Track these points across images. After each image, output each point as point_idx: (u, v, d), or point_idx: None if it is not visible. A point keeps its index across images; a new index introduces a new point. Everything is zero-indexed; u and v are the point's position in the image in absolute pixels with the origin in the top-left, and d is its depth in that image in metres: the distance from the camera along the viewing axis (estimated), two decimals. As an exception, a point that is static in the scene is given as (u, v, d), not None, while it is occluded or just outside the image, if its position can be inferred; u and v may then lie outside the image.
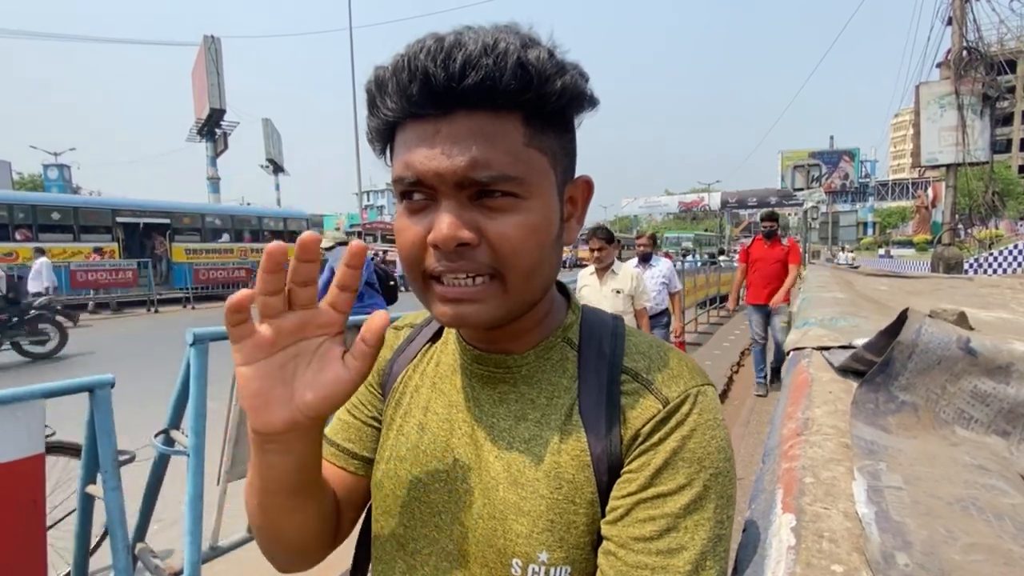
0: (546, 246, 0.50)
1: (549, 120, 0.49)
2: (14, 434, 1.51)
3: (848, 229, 16.67)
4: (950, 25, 9.98)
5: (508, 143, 0.46)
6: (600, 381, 0.53)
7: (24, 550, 1.57)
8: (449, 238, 0.45)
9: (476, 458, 0.54)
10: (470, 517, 0.53)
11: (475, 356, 0.57)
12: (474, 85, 0.44)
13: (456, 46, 0.44)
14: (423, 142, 0.46)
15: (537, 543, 0.49)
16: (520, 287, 0.49)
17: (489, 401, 0.56)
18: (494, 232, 0.46)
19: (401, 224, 0.50)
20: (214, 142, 23.48)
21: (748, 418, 4.76)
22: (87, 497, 1.91)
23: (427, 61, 0.44)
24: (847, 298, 2.07)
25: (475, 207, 0.47)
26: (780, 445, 0.68)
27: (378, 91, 0.48)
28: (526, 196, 0.47)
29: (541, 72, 0.46)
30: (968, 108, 9.69)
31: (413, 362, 0.65)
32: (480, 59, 0.43)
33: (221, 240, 17.42)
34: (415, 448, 0.58)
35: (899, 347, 0.65)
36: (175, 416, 2.07)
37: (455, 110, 0.45)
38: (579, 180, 0.55)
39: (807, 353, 1.20)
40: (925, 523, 0.43)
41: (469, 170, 0.45)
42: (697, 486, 0.46)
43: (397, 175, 0.48)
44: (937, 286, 2.92)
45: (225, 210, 19.63)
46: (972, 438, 0.62)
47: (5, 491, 1.50)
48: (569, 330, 0.58)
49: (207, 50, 21.80)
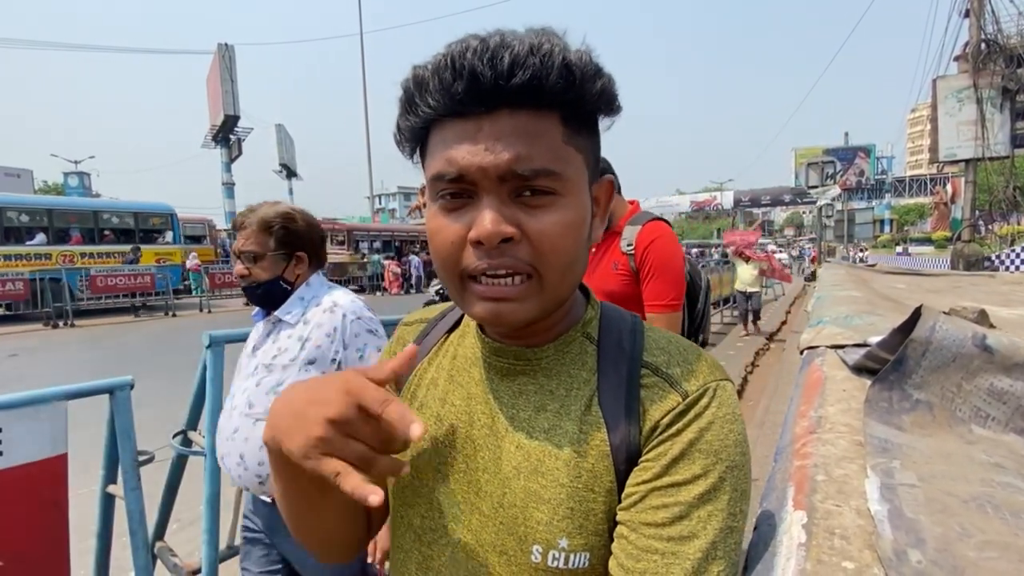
0: (580, 243, 0.51)
1: (584, 120, 0.51)
2: (37, 435, 1.55)
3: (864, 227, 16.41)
4: (967, 17, 9.79)
5: (548, 140, 0.47)
6: (620, 375, 0.54)
7: (47, 550, 1.61)
8: (493, 234, 0.46)
9: (496, 448, 0.55)
10: (490, 506, 0.54)
11: (494, 349, 0.58)
12: (521, 84, 0.45)
13: (502, 46, 0.45)
14: (466, 139, 0.47)
15: (557, 530, 0.50)
16: (556, 284, 0.50)
17: (508, 393, 0.57)
18: (534, 228, 0.48)
19: (438, 223, 0.50)
20: (228, 148, 23.84)
21: (763, 419, 4.71)
22: (108, 497, 1.95)
23: (474, 60, 0.44)
24: (863, 296, 2.04)
25: (515, 204, 0.48)
26: (792, 443, 0.67)
27: (417, 89, 0.48)
28: (564, 193, 0.49)
29: (584, 73, 0.47)
30: (987, 102, 9.50)
31: (429, 356, 0.66)
32: (528, 58, 0.44)
33: (33, 241, 12.91)
34: (433, 439, 0.59)
35: (912, 344, 0.64)
36: (193, 417, 2.10)
37: (499, 108, 0.46)
38: (603, 180, 0.57)
39: (820, 351, 1.18)
40: (939, 520, 0.43)
41: (513, 163, 0.46)
42: (712, 477, 0.47)
43: (437, 171, 0.49)
44: (957, 283, 2.87)
45: (37, 203, 14.53)
46: (989, 436, 0.61)
47: (29, 492, 1.54)
48: (588, 325, 0.59)
49: (221, 58, 22.16)
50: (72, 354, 8.42)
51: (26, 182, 22.67)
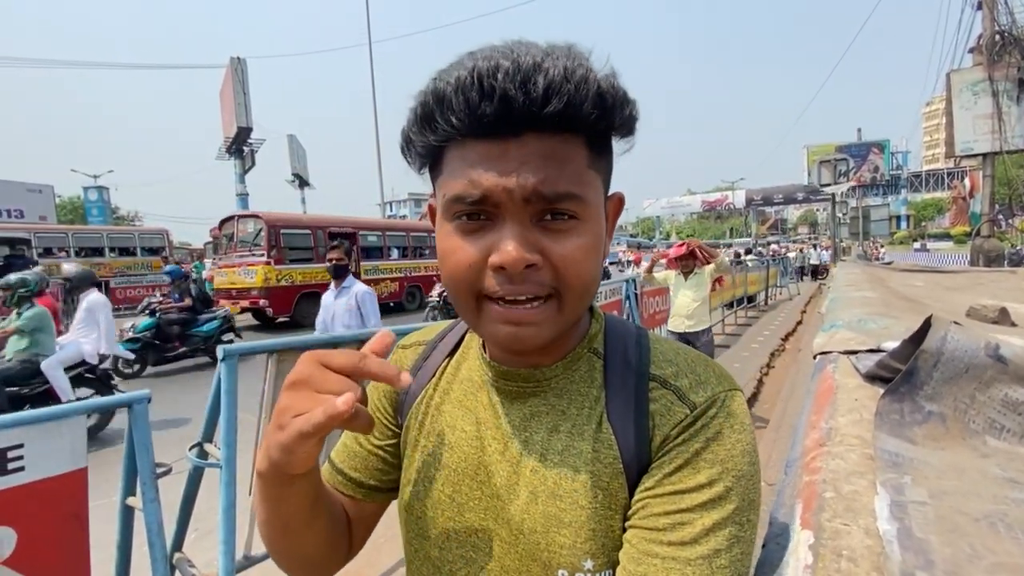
0: (599, 265, 0.51)
1: (606, 143, 0.50)
2: (59, 450, 1.58)
3: (880, 223, 16.07)
4: (980, 9, 9.62)
5: (575, 165, 0.47)
6: (628, 389, 0.53)
7: (69, 562, 1.64)
8: (518, 260, 0.45)
9: (512, 474, 0.54)
10: (509, 533, 0.53)
11: (502, 372, 0.57)
12: (556, 113, 0.43)
13: (535, 69, 0.43)
14: (491, 161, 0.45)
15: (581, 552, 0.50)
16: (574, 306, 0.50)
17: (520, 416, 0.56)
18: (557, 254, 0.47)
19: (453, 244, 0.49)
20: (242, 159, 24.16)
21: (779, 423, 4.64)
22: (127, 509, 1.99)
23: (506, 82, 0.43)
24: (878, 297, 2.00)
25: (537, 228, 0.47)
26: (802, 457, 0.67)
27: (438, 105, 0.46)
28: (585, 218, 0.48)
29: (616, 101, 0.46)
30: (1003, 94, 9.30)
31: (433, 380, 0.64)
32: (563, 85, 0.43)
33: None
34: (445, 468, 0.58)
35: (923, 356, 0.63)
36: (208, 429, 2.13)
37: (525, 132, 0.45)
38: (614, 196, 0.56)
39: (833, 358, 1.16)
40: (949, 540, 0.42)
41: (539, 187, 0.45)
42: (718, 487, 0.47)
43: (457, 192, 0.47)
44: (978, 280, 2.80)
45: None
46: (1004, 448, 0.59)
47: (51, 505, 1.57)
48: (594, 340, 0.58)
49: (234, 71, 22.49)
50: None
51: (47, 197, 23.17)
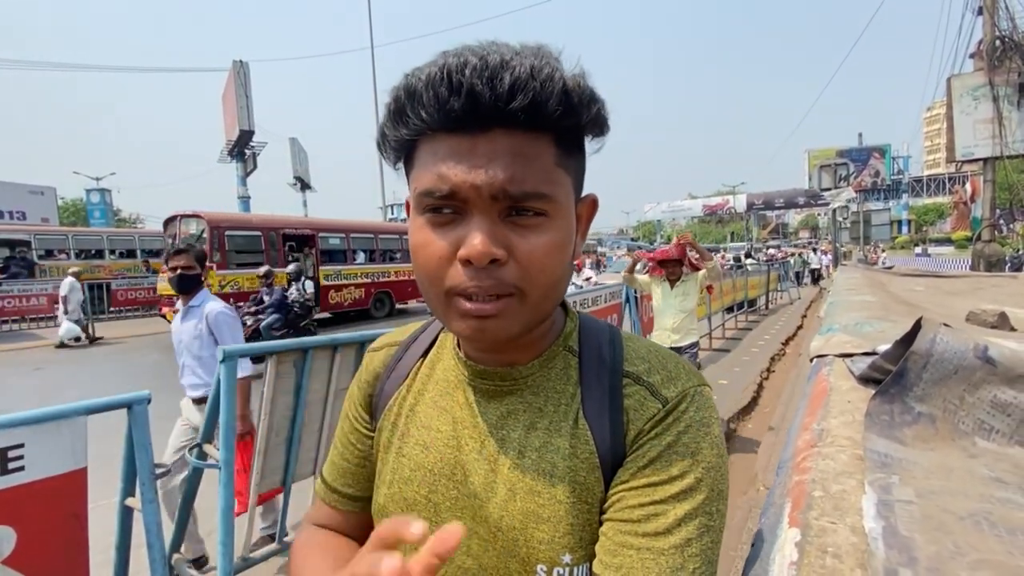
0: (566, 264, 0.52)
1: (574, 142, 0.51)
2: (59, 450, 1.59)
3: (881, 228, 16.08)
4: (981, 15, 9.64)
5: (542, 163, 0.48)
6: (603, 386, 0.55)
7: (69, 562, 1.64)
8: (484, 254, 0.46)
9: (490, 472, 0.55)
10: (487, 531, 0.54)
11: (478, 372, 0.58)
12: (521, 107, 0.45)
13: (502, 66, 0.44)
14: (459, 156, 0.46)
15: (560, 547, 0.51)
16: (539, 303, 0.51)
17: (497, 414, 0.57)
18: (523, 250, 0.48)
19: (424, 238, 0.49)
20: (244, 162, 24.20)
21: (779, 425, 4.64)
22: (126, 509, 1.99)
23: (473, 78, 0.44)
24: (877, 301, 2.00)
25: (505, 224, 0.48)
26: (794, 457, 0.67)
27: (409, 100, 0.47)
28: (553, 215, 0.49)
29: (581, 98, 0.47)
30: (1004, 99, 9.32)
31: (406, 381, 0.64)
32: (528, 82, 0.44)
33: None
34: (421, 468, 0.58)
35: (913, 357, 0.64)
36: (208, 431, 2.14)
37: (494, 128, 0.46)
38: (587, 198, 0.57)
39: (829, 361, 1.17)
40: (934, 538, 0.42)
41: (507, 184, 0.46)
42: (689, 478, 0.48)
43: (427, 187, 0.48)
44: (978, 285, 2.80)
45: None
46: (993, 449, 0.60)
47: (51, 505, 1.58)
48: (569, 338, 0.59)
49: (236, 74, 22.57)
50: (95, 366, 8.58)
51: (49, 199, 23.25)
